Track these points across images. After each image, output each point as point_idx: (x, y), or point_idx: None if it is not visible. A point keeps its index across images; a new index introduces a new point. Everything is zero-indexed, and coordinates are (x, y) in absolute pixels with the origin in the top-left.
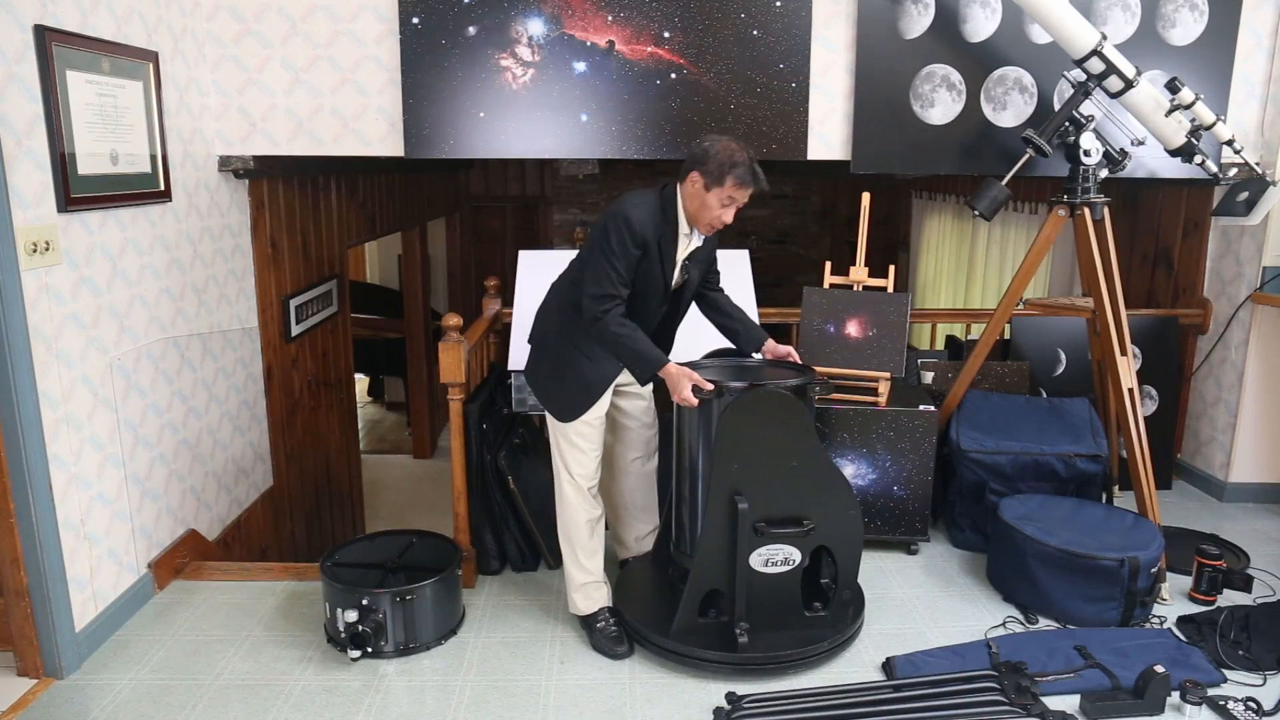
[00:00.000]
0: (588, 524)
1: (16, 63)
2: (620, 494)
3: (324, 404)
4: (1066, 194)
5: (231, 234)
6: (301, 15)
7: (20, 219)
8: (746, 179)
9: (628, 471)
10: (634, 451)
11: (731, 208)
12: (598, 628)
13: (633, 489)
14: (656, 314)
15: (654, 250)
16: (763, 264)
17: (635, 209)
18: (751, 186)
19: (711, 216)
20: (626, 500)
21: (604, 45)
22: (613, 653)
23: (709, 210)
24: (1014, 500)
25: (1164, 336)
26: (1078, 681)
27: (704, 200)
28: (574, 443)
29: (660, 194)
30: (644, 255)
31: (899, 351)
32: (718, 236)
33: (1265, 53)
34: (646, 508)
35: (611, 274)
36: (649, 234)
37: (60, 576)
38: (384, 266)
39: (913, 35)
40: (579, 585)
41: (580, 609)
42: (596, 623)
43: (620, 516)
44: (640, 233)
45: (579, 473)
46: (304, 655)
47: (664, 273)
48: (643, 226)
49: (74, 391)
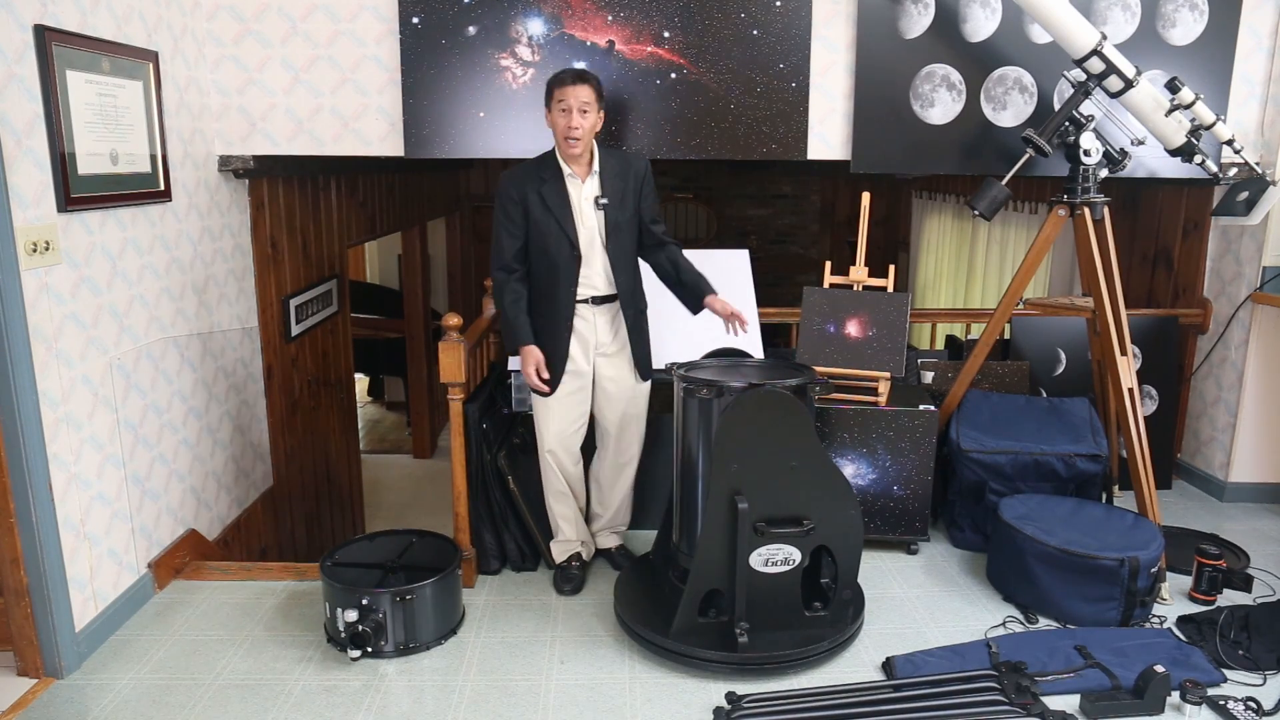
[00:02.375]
0: (557, 493)
1: (16, 63)
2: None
3: (324, 404)
4: (1066, 194)
5: (231, 234)
6: (301, 15)
7: (20, 219)
8: (555, 79)
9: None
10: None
11: (569, 112)
12: (559, 566)
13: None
14: (570, 262)
15: (535, 200)
16: (763, 264)
17: (507, 173)
18: (566, 82)
19: (560, 129)
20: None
21: (604, 45)
22: (559, 589)
23: (558, 129)
24: (1014, 500)
25: (1164, 336)
26: (1078, 681)
27: (552, 123)
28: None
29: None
30: (527, 212)
31: (899, 351)
32: (650, 185)
33: (1265, 53)
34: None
35: (502, 242)
36: (520, 187)
37: (60, 576)
38: (384, 266)
39: (913, 35)
40: (553, 541)
41: (555, 558)
42: (560, 565)
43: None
44: (507, 188)
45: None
46: (304, 655)
47: (560, 221)
48: (510, 182)
49: (74, 391)
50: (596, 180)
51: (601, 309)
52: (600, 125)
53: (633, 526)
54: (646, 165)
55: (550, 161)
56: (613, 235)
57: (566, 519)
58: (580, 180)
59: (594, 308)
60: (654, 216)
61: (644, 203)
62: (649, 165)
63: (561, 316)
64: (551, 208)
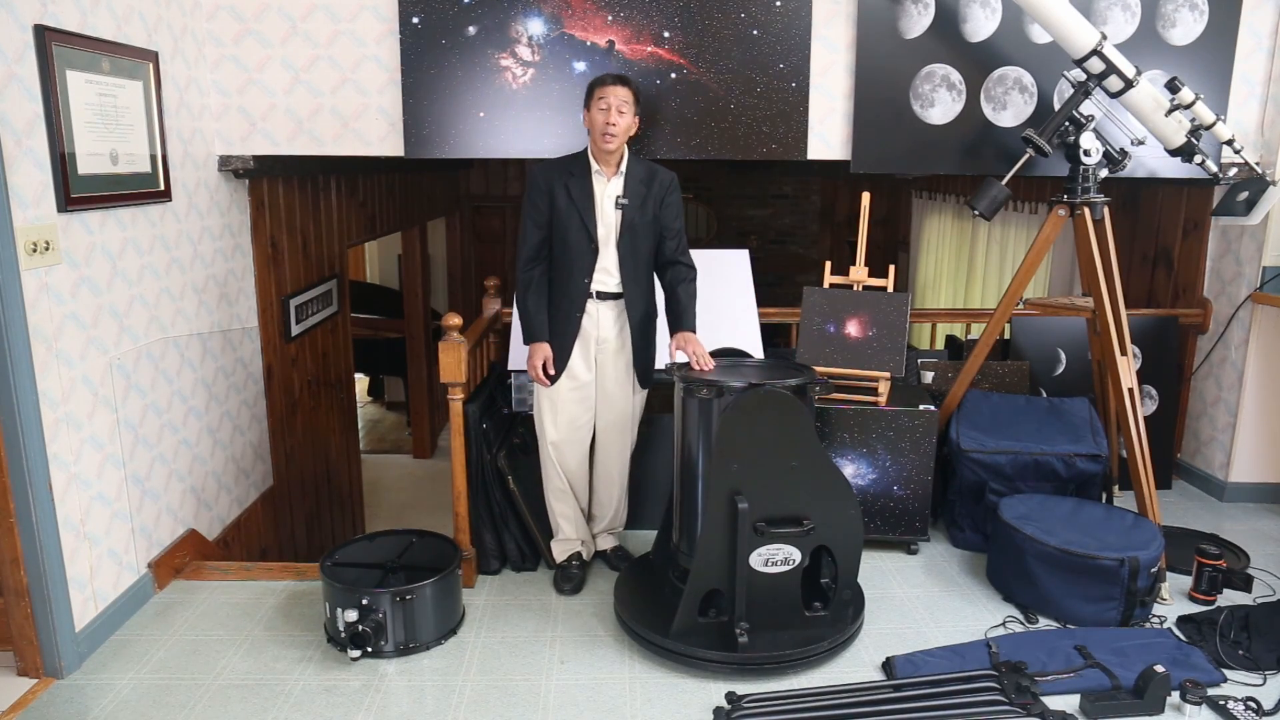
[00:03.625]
0: (557, 491)
1: (16, 63)
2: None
3: (324, 404)
4: (1066, 194)
5: (231, 234)
6: (301, 15)
7: (20, 219)
8: (598, 80)
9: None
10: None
11: (608, 109)
12: (559, 565)
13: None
14: (587, 253)
15: (561, 192)
16: (763, 264)
17: (537, 164)
18: (608, 83)
19: (599, 125)
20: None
21: (604, 45)
22: (559, 588)
23: (596, 125)
24: (1014, 500)
25: (1164, 336)
26: (1078, 681)
27: (590, 121)
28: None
29: (574, 154)
30: (552, 203)
31: (899, 351)
32: (675, 199)
33: (1265, 53)
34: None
35: (528, 232)
36: (549, 179)
37: (60, 576)
38: (384, 266)
39: (913, 35)
40: (554, 540)
41: (555, 558)
42: (560, 565)
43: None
44: (535, 179)
45: (547, 436)
46: (304, 655)
47: (582, 214)
48: (539, 174)
49: (74, 391)
50: (621, 181)
51: (606, 305)
52: (635, 129)
53: (633, 526)
54: (673, 179)
55: (581, 158)
56: (626, 234)
57: (567, 518)
58: (606, 179)
59: (599, 303)
60: (672, 232)
61: (664, 213)
62: (675, 180)
63: (575, 306)
64: (575, 200)
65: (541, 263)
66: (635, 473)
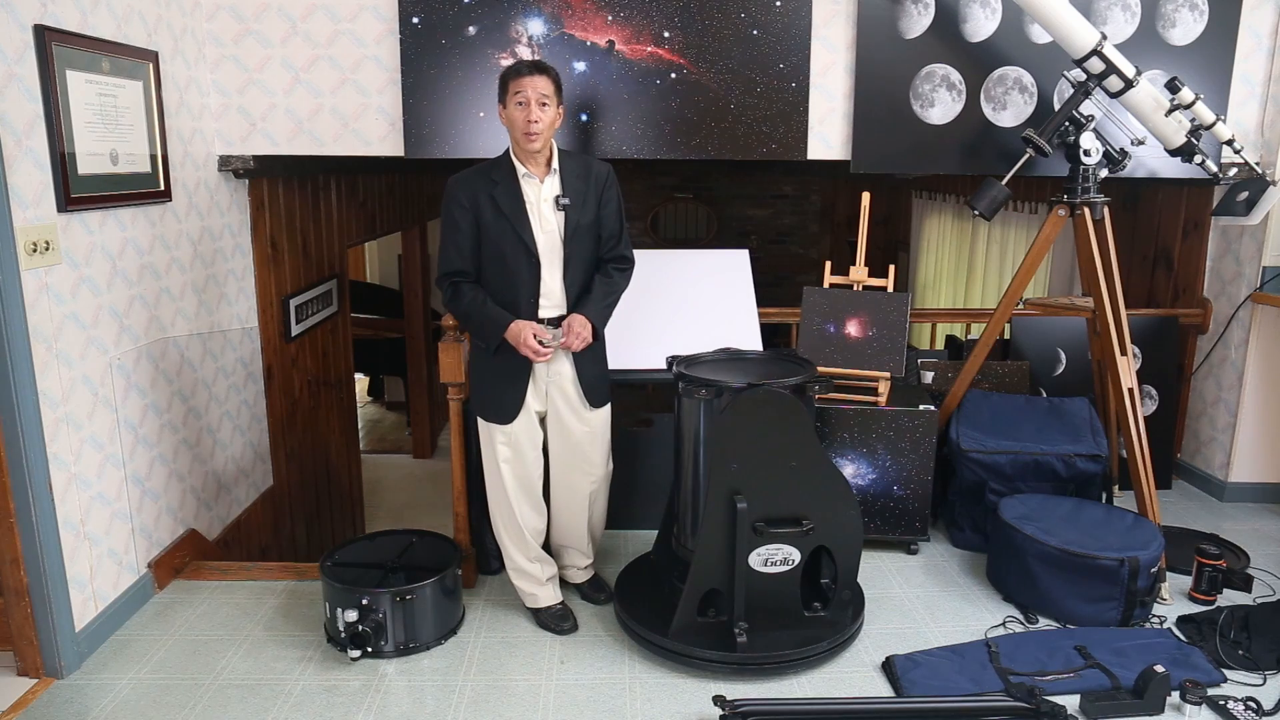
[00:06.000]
0: (513, 531)
1: (16, 63)
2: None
3: (324, 404)
4: (1066, 194)
5: (231, 234)
6: (301, 15)
7: (20, 219)
8: (512, 71)
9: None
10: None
11: (526, 105)
12: (543, 609)
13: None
14: (529, 271)
15: (486, 204)
16: (763, 264)
17: (454, 177)
18: (523, 73)
19: (519, 125)
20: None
21: (604, 45)
22: (559, 629)
23: (516, 124)
24: (1014, 500)
25: (1164, 336)
26: (1078, 681)
27: (509, 119)
28: None
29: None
30: (478, 219)
31: (899, 351)
32: (613, 194)
33: (1265, 53)
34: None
35: (449, 253)
36: (470, 191)
37: (60, 576)
38: (384, 266)
39: (913, 35)
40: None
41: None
42: (544, 608)
43: None
44: (452, 194)
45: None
46: (304, 655)
47: (515, 225)
48: (458, 187)
49: (74, 391)
50: (557, 179)
51: (556, 332)
52: (560, 122)
53: (633, 526)
54: (609, 171)
55: (503, 163)
56: (573, 239)
57: (525, 563)
58: (538, 180)
59: (550, 330)
60: (614, 231)
61: (604, 211)
62: (612, 172)
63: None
64: (505, 211)
65: (470, 274)
66: (635, 473)
